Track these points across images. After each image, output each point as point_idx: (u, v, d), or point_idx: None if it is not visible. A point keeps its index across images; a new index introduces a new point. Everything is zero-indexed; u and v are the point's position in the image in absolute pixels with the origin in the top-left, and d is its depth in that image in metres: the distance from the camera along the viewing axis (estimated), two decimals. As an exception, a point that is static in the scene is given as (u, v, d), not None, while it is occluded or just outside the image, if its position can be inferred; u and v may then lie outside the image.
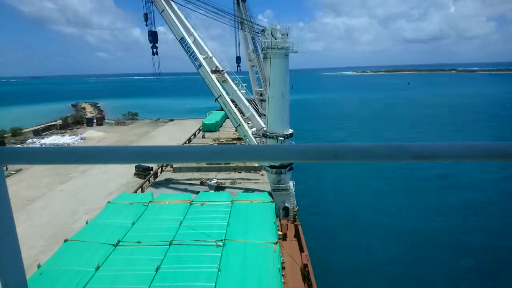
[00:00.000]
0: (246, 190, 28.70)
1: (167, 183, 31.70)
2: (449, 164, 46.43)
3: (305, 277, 18.88)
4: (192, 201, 21.81)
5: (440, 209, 35.92)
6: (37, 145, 62.97)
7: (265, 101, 33.24)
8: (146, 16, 26.17)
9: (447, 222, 33.06)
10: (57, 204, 34.61)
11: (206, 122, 54.31)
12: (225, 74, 28.20)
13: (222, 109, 31.26)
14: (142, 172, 41.60)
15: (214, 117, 58.56)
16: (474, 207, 36.20)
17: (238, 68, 41.78)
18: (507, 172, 45.69)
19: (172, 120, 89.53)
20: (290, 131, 27.00)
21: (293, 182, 27.90)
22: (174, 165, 34.81)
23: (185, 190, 28.11)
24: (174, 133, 69.82)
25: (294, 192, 27.33)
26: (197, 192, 25.21)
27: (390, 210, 35.44)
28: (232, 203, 21.33)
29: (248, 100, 29.55)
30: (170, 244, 16.33)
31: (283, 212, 26.78)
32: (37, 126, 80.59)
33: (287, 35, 25.40)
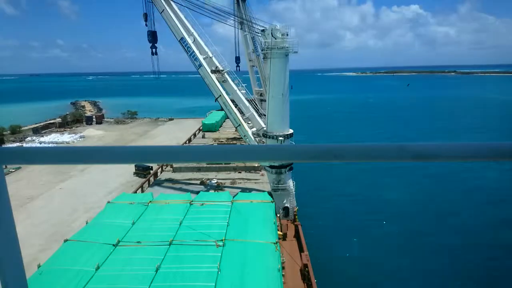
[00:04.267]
0: (246, 190, 28.70)
1: (167, 183, 31.70)
2: (450, 164, 46.44)
3: (305, 277, 18.90)
4: (192, 201, 21.80)
5: (440, 209, 35.90)
6: (36, 143, 63.03)
7: (265, 101, 33.23)
8: (146, 16, 26.18)
9: (448, 222, 33.04)
10: (56, 202, 34.62)
11: (206, 122, 54.31)
12: (225, 74, 28.21)
13: (222, 109, 31.26)
14: (142, 172, 41.67)
15: (214, 117, 58.57)
16: (481, 207, 36.22)
17: (238, 68, 41.82)
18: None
19: (171, 119, 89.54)
20: (290, 131, 27.02)
21: (293, 182, 27.91)
22: (174, 165, 34.81)
23: (185, 190, 28.10)
24: (173, 133, 69.86)
25: (294, 192, 27.36)
26: (197, 192, 25.19)
27: (391, 210, 35.44)
28: (232, 203, 21.31)
29: (248, 100, 29.56)
30: (170, 244, 16.31)
31: (283, 212, 26.80)
32: (36, 124, 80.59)
33: (287, 35, 25.41)
